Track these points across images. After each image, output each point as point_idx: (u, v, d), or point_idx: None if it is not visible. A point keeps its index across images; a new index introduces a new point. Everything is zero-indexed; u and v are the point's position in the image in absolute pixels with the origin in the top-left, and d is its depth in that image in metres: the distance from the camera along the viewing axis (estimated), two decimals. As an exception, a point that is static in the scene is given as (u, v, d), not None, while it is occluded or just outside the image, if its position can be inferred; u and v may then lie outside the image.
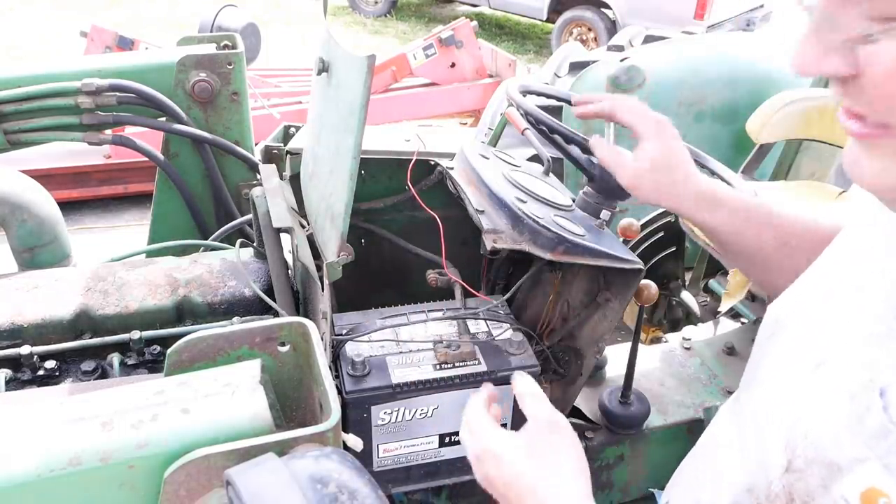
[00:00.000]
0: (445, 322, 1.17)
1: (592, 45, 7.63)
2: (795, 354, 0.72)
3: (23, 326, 1.18)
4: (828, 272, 0.75)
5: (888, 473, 0.54)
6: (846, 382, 0.62)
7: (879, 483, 0.55)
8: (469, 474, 1.17)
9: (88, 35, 4.59)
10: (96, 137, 1.77)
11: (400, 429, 1.09)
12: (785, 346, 0.75)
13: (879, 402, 0.57)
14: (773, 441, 0.68)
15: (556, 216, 1.21)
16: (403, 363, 1.09)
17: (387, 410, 1.07)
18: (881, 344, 0.61)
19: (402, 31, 9.19)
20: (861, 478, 0.56)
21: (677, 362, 1.74)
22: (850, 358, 0.63)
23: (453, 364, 1.09)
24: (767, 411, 0.72)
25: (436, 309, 1.15)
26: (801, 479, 0.62)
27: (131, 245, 1.81)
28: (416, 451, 1.13)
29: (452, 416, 1.11)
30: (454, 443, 1.14)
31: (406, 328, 1.14)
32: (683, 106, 2.70)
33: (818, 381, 0.66)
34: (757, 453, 0.70)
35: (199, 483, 0.64)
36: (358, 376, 1.05)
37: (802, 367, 0.69)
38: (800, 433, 0.64)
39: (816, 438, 0.61)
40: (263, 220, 1.31)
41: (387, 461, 1.12)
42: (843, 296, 0.69)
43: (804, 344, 0.71)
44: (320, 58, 1.17)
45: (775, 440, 0.67)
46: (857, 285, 0.68)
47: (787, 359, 0.73)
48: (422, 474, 1.16)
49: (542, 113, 1.25)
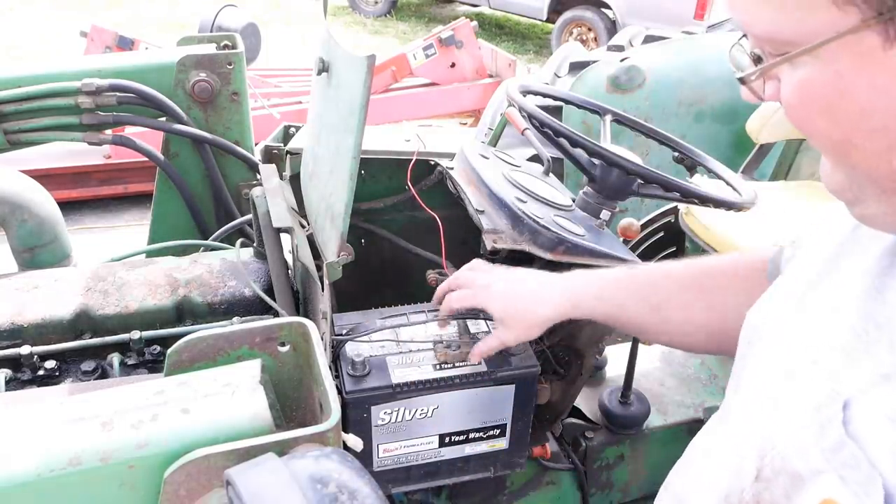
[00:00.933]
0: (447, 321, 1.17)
1: (592, 45, 7.63)
2: (769, 364, 0.71)
3: (23, 326, 1.18)
4: (802, 279, 0.74)
5: (844, 485, 0.54)
6: (813, 393, 0.61)
7: (836, 495, 0.55)
8: (469, 474, 1.19)
9: (88, 35, 4.60)
10: (96, 137, 1.77)
11: (400, 429, 1.09)
12: (761, 356, 0.74)
13: (841, 415, 0.56)
14: (748, 449, 0.68)
15: (556, 216, 1.21)
16: (403, 363, 1.09)
17: (387, 410, 1.07)
18: (849, 355, 0.60)
19: (402, 31, 9.19)
20: (819, 489, 0.56)
21: (677, 362, 1.74)
22: (819, 369, 0.63)
23: (453, 364, 1.09)
24: (744, 419, 0.72)
25: (435, 309, 1.16)
26: (768, 488, 0.62)
27: (131, 245, 1.81)
28: (416, 451, 1.13)
29: (452, 416, 1.11)
30: (454, 443, 1.14)
31: (406, 328, 1.14)
32: (683, 106, 2.70)
33: (788, 391, 0.66)
34: (734, 460, 0.70)
35: (199, 483, 0.64)
36: (358, 376, 1.05)
37: (774, 377, 0.69)
38: (769, 443, 0.64)
39: (783, 449, 0.61)
40: (263, 220, 1.31)
41: (387, 461, 1.12)
42: (816, 306, 0.69)
43: (777, 354, 0.71)
44: (320, 58, 1.17)
45: (749, 448, 0.67)
46: (830, 296, 0.68)
47: (761, 368, 0.73)
48: (422, 474, 1.16)
49: (546, 115, 1.25)
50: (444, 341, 1.11)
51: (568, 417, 1.44)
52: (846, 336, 0.62)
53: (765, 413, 0.68)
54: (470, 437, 1.14)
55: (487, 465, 1.19)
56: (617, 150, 1.24)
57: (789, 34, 0.53)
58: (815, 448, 0.58)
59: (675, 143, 1.43)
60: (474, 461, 1.17)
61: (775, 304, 0.76)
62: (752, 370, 0.76)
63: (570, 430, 1.47)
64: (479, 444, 1.15)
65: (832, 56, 0.51)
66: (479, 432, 1.14)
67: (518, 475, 1.41)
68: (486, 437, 1.15)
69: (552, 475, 1.46)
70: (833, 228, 0.75)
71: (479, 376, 1.08)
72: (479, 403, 1.11)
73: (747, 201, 1.26)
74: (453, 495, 1.34)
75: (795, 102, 0.56)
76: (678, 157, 1.44)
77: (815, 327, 0.67)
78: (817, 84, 0.53)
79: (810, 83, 0.54)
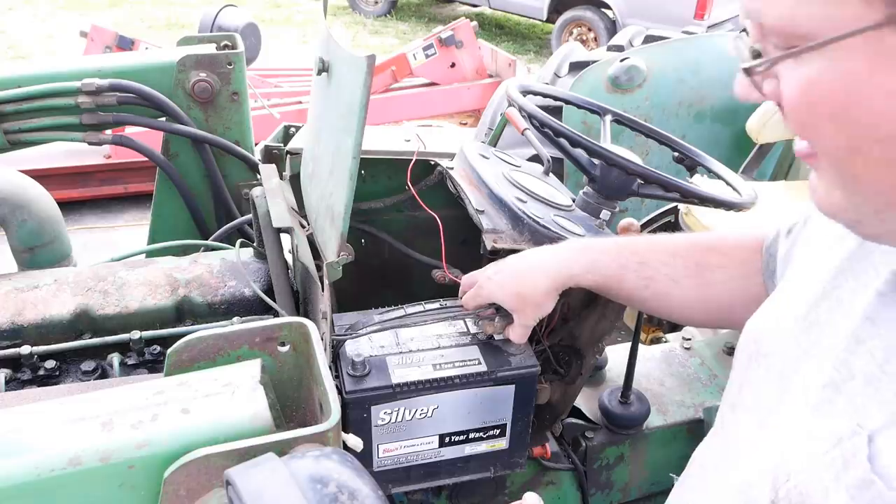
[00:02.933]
0: (445, 322, 1.17)
1: (592, 45, 7.63)
2: (777, 386, 0.68)
3: (23, 326, 1.18)
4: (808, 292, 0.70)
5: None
6: (832, 424, 0.58)
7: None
8: (469, 474, 1.19)
9: (88, 35, 4.59)
10: (96, 137, 1.77)
11: (400, 429, 1.09)
12: (765, 376, 0.71)
13: (866, 450, 0.53)
14: (758, 477, 0.64)
15: (556, 216, 1.21)
16: (403, 363, 1.09)
17: (387, 410, 1.06)
18: (870, 384, 0.57)
19: (402, 31, 9.19)
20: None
21: (677, 362, 1.73)
22: (836, 397, 0.59)
23: (453, 364, 1.09)
24: (753, 443, 0.69)
25: (433, 308, 1.16)
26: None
27: (131, 245, 1.81)
28: (416, 452, 1.13)
29: (452, 416, 1.11)
30: (454, 443, 1.14)
31: (406, 328, 1.14)
32: (683, 106, 2.70)
33: (801, 419, 0.62)
34: (742, 486, 0.67)
35: (199, 483, 0.64)
36: (358, 376, 1.05)
37: (784, 401, 0.65)
38: (783, 474, 0.60)
39: (801, 482, 0.58)
40: (263, 220, 1.31)
41: (387, 461, 1.12)
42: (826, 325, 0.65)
43: (785, 375, 0.67)
44: (320, 58, 1.17)
45: (760, 476, 0.64)
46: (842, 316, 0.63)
47: (767, 389, 0.70)
48: (422, 474, 1.16)
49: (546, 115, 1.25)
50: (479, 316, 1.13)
51: (568, 417, 1.44)
52: (866, 363, 0.58)
53: (775, 440, 0.64)
54: (470, 437, 1.14)
55: (487, 465, 1.19)
56: (617, 150, 1.24)
57: (806, 25, 0.49)
58: (837, 484, 0.54)
59: (675, 143, 1.43)
60: (474, 461, 1.17)
61: (779, 317, 0.73)
62: (755, 389, 0.72)
63: (570, 430, 1.47)
64: (480, 444, 1.15)
65: (847, 54, 0.47)
66: (480, 432, 1.14)
67: (518, 475, 1.41)
68: (486, 438, 1.15)
69: (552, 475, 1.46)
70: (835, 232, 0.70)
71: (479, 376, 1.08)
72: (479, 403, 1.11)
73: (747, 201, 1.26)
74: (453, 495, 1.34)
75: (799, 103, 0.52)
76: (678, 157, 1.44)
77: (828, 350, 0.63)
78: (826, 84, 0.49)
79: (818, 83, 0.50)
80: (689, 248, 0.98)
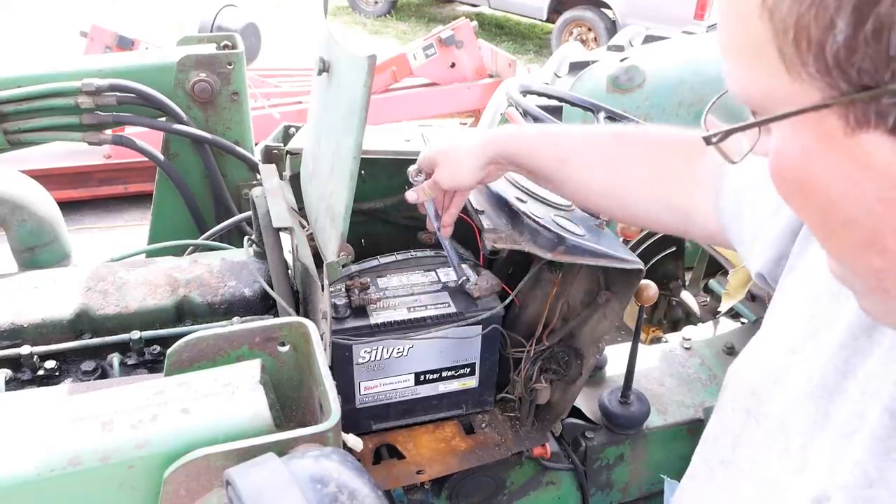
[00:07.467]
0: (419, 271, 1.29)
1: (592, 45, 7.63)
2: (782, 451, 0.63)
3: (23, 326, 1.18)
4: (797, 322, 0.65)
5: None
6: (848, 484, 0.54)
7: None
8: (443, 411, 1.30)
9: (88, 35, 4.60)
10: (96, 137, 1.77)
11: (379, 367, 1.20)
12: (769, 435, 0.66)
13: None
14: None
15: (555, 216, 1.21)
16: (381, 307, 1.20)
17: (367, 349, 1.17)
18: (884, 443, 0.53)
19: (402, 31, 9.19)
20: None
21: (677, 362, 1.73)
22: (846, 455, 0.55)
23: (426, 307, 1.20)
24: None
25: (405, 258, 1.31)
26: None
27: (131, 245, 1.81)
28: (395, 389, 1.24)
29: (426, 356, 1.22)
30: (429, 381, 1.25)
31: (384, 277, 1.27)
32: (683, 106, 2.70)
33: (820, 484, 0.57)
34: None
35: (199, 483, 0.64)
36: (340, 318, 1.15)
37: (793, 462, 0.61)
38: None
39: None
40: (263, 220, 1.31)
41: (368, 398, 1.23)
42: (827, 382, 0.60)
43: (791, 439, 0.63)
44: (320, 58, 1.17)
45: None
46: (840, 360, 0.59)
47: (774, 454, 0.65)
48: (400, 411, 1.27)
49: (546, 115, 1.26)
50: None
51: (568, 417, 1.44)
52: (878, 416, 0.54)
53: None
54: (443, 375, 1.25)
55: (459, 402, 1.31)
56: None
57: (758, 97, 0.46)
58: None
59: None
60: (447, 399, 1.29)
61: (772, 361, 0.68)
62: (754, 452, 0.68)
63: (570, 430, 1.47)
64: (452, 382, 1.27)
65: (798, 131, 0.44)
66: (451, 371, 1.25)
67: (518, 475, 1.41)
68: (457, 376, 1.27)
69: (552, 475, 1.46)
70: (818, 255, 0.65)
71: (449, 317, 1.19)
72: (449, 344, 1.21)
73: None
74: (453, 495, 1.34)
75: (772, 172, 0.49)
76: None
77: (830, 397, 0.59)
78: (789, 157, 0.46)
79: (782, 154, 0.47)
80: (607, 139, 1.02)
